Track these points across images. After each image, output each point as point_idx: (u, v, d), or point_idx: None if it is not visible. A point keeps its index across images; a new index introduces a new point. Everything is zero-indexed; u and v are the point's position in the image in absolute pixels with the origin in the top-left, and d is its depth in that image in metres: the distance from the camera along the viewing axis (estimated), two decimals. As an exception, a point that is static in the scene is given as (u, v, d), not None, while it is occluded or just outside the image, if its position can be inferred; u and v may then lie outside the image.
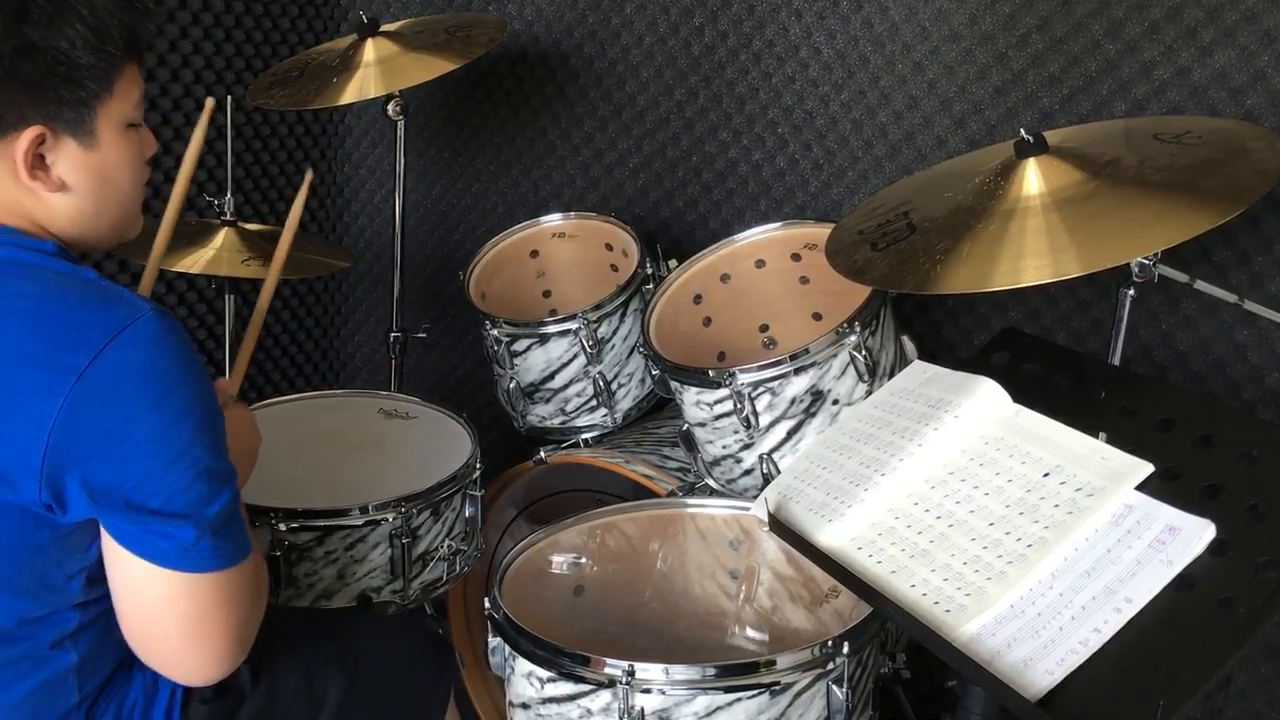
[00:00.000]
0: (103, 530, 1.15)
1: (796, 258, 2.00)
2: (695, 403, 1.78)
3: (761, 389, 1.70)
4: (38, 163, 1.16)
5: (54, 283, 1.15)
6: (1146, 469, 1.18)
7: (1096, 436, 1.25)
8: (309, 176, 1.69)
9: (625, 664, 1.35)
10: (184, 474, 1.12)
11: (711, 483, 1.87)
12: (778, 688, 1.36)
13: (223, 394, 1.46)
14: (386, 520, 1.72)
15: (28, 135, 1.14)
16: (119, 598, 1.18)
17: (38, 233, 1.20)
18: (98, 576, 1.19)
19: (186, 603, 1.16)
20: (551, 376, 2.10)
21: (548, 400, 2.14)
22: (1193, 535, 1.10)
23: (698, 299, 2.03)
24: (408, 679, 1.55)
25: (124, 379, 1.10)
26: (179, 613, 1.16)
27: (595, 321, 2.04)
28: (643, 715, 1.35)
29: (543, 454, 2.10)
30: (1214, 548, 1.09)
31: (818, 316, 2.03)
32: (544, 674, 1.41)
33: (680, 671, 1.35)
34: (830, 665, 1.38)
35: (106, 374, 1.09)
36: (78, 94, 1.15)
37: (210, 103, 1.60)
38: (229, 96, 2.24)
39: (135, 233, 1.31)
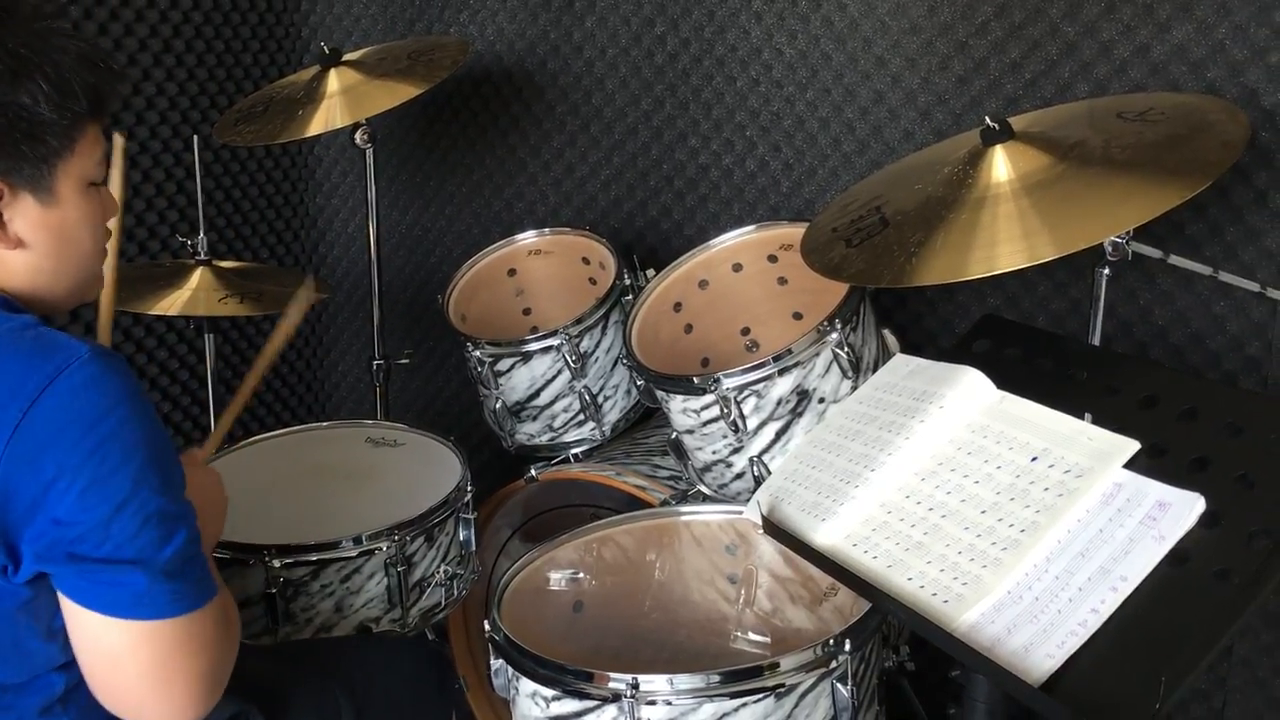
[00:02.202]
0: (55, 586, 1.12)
1: (773, 259, 2.01)
2: (682, 410, 1.78)
3: (747, 392, 1.70)
4: None
5: None
6: (1133, 447, 1.19)
7: (1082, 418, 1.26)
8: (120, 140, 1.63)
9: (629, 677, 1.34)
10: (131, 521, 1.08)
11: (704, 489, 1.87)
12: (783, 690, 1.36)
13: (193, 460, 1.44)
14: (380, 549, 1.71)
15: None
16: (79, 650, 1.14)
17: None
18: None
19: (148, 651, 1.11)
20: (537, 394, 2.10)
21: (535, 418, 2.14)
22: (1183, 509, 1.11)
23: (678, 306, 2.03)
24: (412, 697, 1.55)
25: (60, 428, 1.06)
26: (140, 661, 1.12)
27: (577, 336, 2.04)
28: (650, 727, 1.35)
29: (533, 472, 2.09)
30: (1205, 520, 1.10)
31: (798, 316, 2.04)
32: (548, 693, 1.41)
33: (684, 681, 1.34)
34: (834, 664, 1.38)
35: (41, 425, 1.06)
36: (39, 150, 1.13)
37: (119, 140, 1.59)
38: (195, 135, 2.24)
39: (96, 293, 1.29)
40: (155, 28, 2.45)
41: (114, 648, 1.12)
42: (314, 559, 1.68)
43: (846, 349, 1.68)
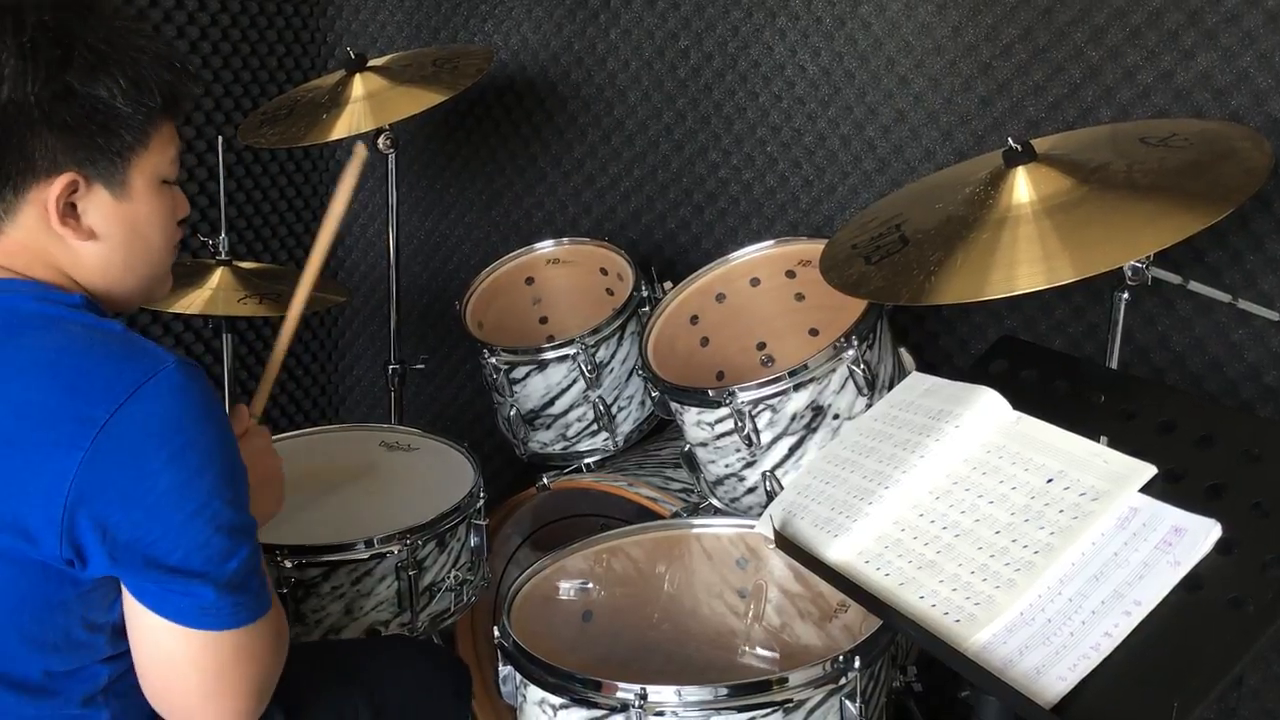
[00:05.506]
0: (123, 586, 1.15)
1: (791, 275, 2.01)
2: (696, 423, 1.79)
3: (762, 406, 1.70)
4: (68, 210, 1.17)
5: (79, 336, 1.15)
6: (1149, 471, 1.19)
7: (1098, 440, 1.25)
8: (359, 151, 1.54)
9: (637, 687, 1.34)
10: (203, 529, 1.11)
11: (715, 502, 1.87)
12: (791, 705, 1.35)
13: (242, 421, 1.46)
14: (392, 553, 1.71)
15: (60, 181, 1.15)
16: (138, 653, 1.17)
17: (66, 285, 1.20)
18: (124, 631, 1.18)
19: (207, 660, 1.15)
20: (551, 402, 2.11)
21: (548, 426, 2.14)
22: (1199, 535, 1.10)
23: (694, 319, 2.03)
24: (429, 703, 1.55)
25: (145, 432, 1.09)
26: (199, 669, 1.15)
27: (593, 346, 2.04)
28: (657, 738, 1.35)
29: (545, 480, 2.10)
30: (1220, 547, 1.09)
31: (814, 332, 2.04)
32: (556, 701, 1.41)
33: (693, 693, 1.34)
34: (842, 680, 1.37)
35: (128, 427, 1.08)
36: (113, 144, 1.16)
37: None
38: (219, 136, 2.26)
39: (164, 293, 1.32)
40: (183, 29, 2.47)
41: (174, 654, 1.15)
42: (325, 560, 1.69)
43: (862, 366, 1.68)
